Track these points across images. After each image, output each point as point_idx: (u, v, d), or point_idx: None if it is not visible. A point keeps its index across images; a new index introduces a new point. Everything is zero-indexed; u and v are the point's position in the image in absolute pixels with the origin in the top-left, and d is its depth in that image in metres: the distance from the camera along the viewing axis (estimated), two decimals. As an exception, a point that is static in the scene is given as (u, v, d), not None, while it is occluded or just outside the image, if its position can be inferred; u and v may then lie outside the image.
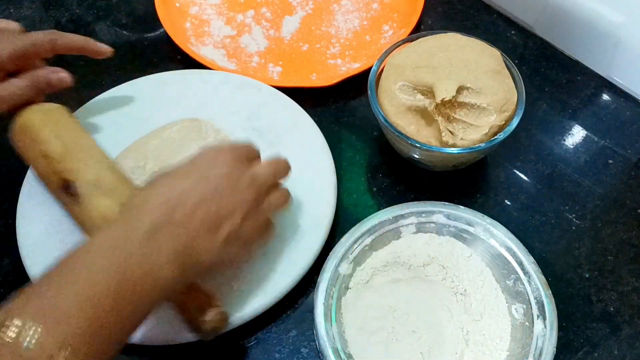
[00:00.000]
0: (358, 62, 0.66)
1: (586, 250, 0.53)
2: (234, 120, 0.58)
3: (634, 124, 0.61)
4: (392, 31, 0.69)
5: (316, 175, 0.54)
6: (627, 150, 0.59)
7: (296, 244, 0.50)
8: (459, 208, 0.50)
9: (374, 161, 0.59)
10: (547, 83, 0.64)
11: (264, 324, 0.48)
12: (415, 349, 0.45)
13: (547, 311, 0.45)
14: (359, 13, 0.71)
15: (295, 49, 0.68)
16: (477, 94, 0.50)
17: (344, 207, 0.55)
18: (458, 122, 0.51)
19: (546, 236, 0.54)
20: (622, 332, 0.49)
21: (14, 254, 0.50)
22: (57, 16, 0.72)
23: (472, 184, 0.57)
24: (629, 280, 0.51)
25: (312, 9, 0.72)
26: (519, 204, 0.56)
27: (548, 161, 0.58)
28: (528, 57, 0.66)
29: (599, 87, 0.63)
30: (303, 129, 0.57)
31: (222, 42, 0.68)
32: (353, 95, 0.63)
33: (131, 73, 0.64)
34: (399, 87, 0.52)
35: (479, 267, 0.49)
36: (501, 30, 0.69)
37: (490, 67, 0.51)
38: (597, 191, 0.56)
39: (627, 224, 0.54)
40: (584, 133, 0.60)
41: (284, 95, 0.59)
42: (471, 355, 0.45)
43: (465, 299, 0.47)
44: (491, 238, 0.49)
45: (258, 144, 0.56)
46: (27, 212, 0.51)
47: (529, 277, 0.47)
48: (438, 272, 0.49)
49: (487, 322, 0.46)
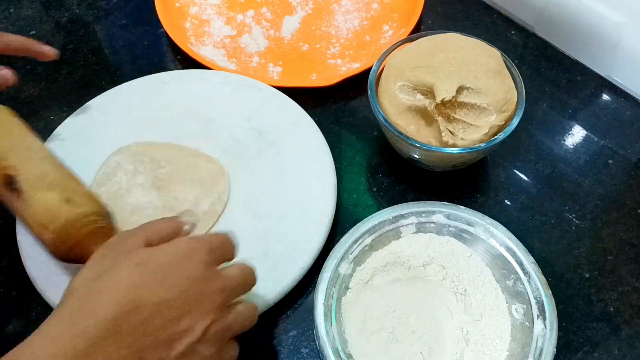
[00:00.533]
0: (358, 62, 0.66)
1: (586, 250, 0.53)
2: (234, 120, 0.58)
3: (634, 124, 0.61)
4: (392, 31, 0.69)
5: (316, 175, 0.54)
6: (627, 150, 0.59)
7: (296, 244, 0.50)
8: (459, 208, 0.50)
9: (374, 161, 0.59)
10: (547, 83, 0.64)
11: (264, 324, 0.48)
12: (415, 349, 0.45)
13: (547, 311, 0.45)
14: (359, 13, 0.71)
15: (295, 49, 0.68)
16: (477, 94, 0.50)
17: (344, 207, 0.55)
18: (458, 122, 0.51)
19: (546, 236, 0.54)
20: (622, 332, 0.49)
21: (14, 254, 0.50)
22: (57, 16, 0.72)
23: (472, 184, 0.57)
24: (629, 280, 0.51)
25: (312, 9, 0.72)
26: (519, 204, 0.56)
27: (548, 161, 0.58)
28: (528, 57, 0.66)
29: (599, 87, 0.63)
30: (303, 129, 0.57)
31: (222, 42, 0.68)
32: (353, 95, 0.63)
33: (131, 73, 0.64)
34: (399, 87, 0.52)
35: (479, 267, 0.49)
36: (501, 30, 0.69)
37: (490, 67, 0.51)
38: (597, 191, 0.56)
39: (627, 224, 0.54)
40: (584, 133, 0.60)
41: (284, 95, 0.59)
42: (471, 355, 0.45)
43: (465, 299, 0.47)
44: (491, 238, 0.49)
45: (258, 144, 0.56)
46: (27, 212, 0.51)
47: (529, 277, 0.47)
48: (438, 272, 0.49)
49: (487, 322, 0.46)
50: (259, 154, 0.56)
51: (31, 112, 0.62)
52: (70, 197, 0.43)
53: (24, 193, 0.43)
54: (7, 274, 0.51)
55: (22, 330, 0.49)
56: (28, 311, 0.50)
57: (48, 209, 0.42)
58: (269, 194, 0.53)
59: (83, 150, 0.56)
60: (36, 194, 0.43)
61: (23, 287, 0.49)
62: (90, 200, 0.44)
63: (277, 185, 0.54)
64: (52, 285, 0.47)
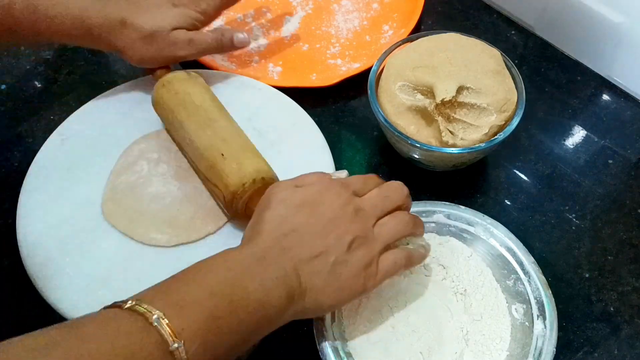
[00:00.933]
0: (358, 62, 0.66)
1: (586, 250, 0.53)
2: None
3: (634, 124, 0.61)
4: (392, 31, 0.69)
5: (316, 175, 0.54)
6: (627, 150, 0.59)
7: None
8: (459, 208, 0.50)
9: (374, 161, 0.59)
10: (547, 83, 0.64)
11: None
12: (415, 349, 0.45)
13: (547, 311, 0.45)
14: (359, 13, 0.71)
15: (295, 49, 0.68)
16: (477, 94, 0.50)
17: (344, 207, 0.55)
18: (458, 122, 0.51)
19: (546, 236, 0.54)
20: (622, 332, 0.49)
21: (14, 254, 0.50)
22: (57, 16, 0.71)
23: (472, 184, 0.57)
24: (629, 280, 0.51)
25: (312, 9, 0.72)
26: (519, 204, 0.56)
27: (548, 161, 0.58)
28: (528, 57, 0.66)
29: (599, 87, 0.63)
30: (303, 129, 0.57)
31: (222, 42, 0.68)
32: (353, 95, 0.63)
33: (131, 73, 0.64)
34: (399, 87, 0.52)
35: (479, 267, 0.49)
36: (501, 30, 0.69)
37: (490, 67, 0.51)
38: (597, 191, 0.56)
39: (627, 224, 0.54)
40: (584, 133, 0.60)
41: (284, 95, 0.59)
42: (471, 355, 0.45)
43: (466, 299, 0.47)
44: (491, 238, 0.49)
45: (258, 144, 0.56)
46: (27, 212, 0.51)
47: (529, 277, 0.47)
48: (438, 271, 0.49)
49: (487, 322, 0.46)
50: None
51: (31, 112, 0.62)
52: (249, 164, 0.49)
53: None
54: (7, 274, 0.52)
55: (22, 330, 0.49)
56: (28, 311, 0.50)
57: (233, 174, 0.48)
58: (269, 194, 0.53)
59: (83, 150, 0.56)
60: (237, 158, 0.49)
61: (23, 287, 0.48)
62: (260, 165, 0.49)
63: (277, 185, 0.54)
64: (52, 285, 0.47)
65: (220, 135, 0.51)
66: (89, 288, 0.48)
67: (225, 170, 0.48)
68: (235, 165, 0.48)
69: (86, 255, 0.49)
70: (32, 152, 0.55)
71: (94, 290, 0.47)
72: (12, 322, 0.50)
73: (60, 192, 0.53)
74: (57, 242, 0.50)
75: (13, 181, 0.54)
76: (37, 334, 0.32)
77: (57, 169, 0.54)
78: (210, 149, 0.50)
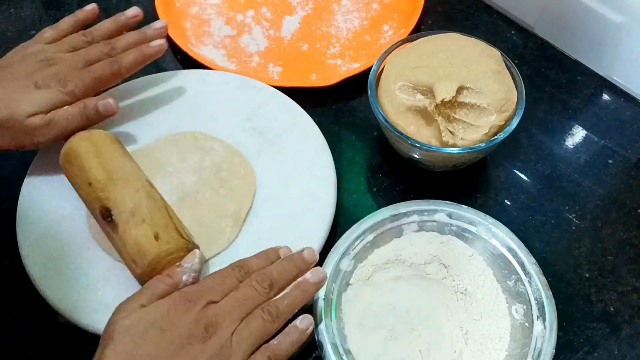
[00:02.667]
0: (358, 62, 0.66)
1: (586, 250, 0.53)
2: (234, 120, 0.58)
3: (634, 124, 0.61)
4: (392, 31, 0.69)
5: (316, 175, 0.54)
6: (627, 150, 0.59)
7: (296, 244, 0.50)
8: (461, 207, 0.50)
9: (374, 161, 0.59)
10: (547, 83, 0.64)
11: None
12: (414, 347, 0.45)
13: (547, 312, 0.45)
14: (359, 13, 0.71)
15: (295, 49, 0.68)
16: (477, 94, 0.50)
17: (344, 207, 0.55)
18: (458, 122, 0.51)
19: (546, 236, 0.54)
20: (622, 332, 0.49)
21: (14, 254, 0.50)
22: (57, 16, 0.71)
23: (472, 184, 0.57)
24: (629, 280, 0.51)
25: (312, 9, 0.72)
26: (519, 204, 0.56)
27: (548, 161, 0.58)
28: (528, 57, 0.66)
29: (599, 87, 0.63)
30: (303, 129, 0.57)
31: (222, 42, 0.68)
32: (353, 95, 0.63)
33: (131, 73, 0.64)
34: (399, 87, 0.52)
35: (480, 267, 0.49)
36: (501, 30, 0.69)
37: (490, 67, 0.51)
38: (597, 191, 0.56)
39: (627, 224, 0.54)
40: (584, 133, 0.60)
41: (284, 95, 0.59)
42: (470, 355, 0.45)
43: (466, 298, 0.47)
44: (493, 238, 0.49)
45: (258, 144, 0.56)
46: (27, 212, 0.51)
47: (530, 277, 0.47)
48: (439, 270, 0.49)
49: (486, 321, 0.46)
50: (259, 154, 0.56)
51: (31, 112, 0.62)
52: (159, 233, 0.45)
53: (118, 226, 0.45)
54: (7, 274, 0.51)
55: (22, 330, 0.49)
56: (28, 311, 0.49)
57: (138, 245, 0.44)
58: (268, 194, 0.53)
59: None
60: (128, 229, 0.45)
61: (23, 287, 0.48)
62: (177, 234, 0.46)
63: (277, 185, 0.54)
64: (52, 285, 0.47)
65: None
66: (89, 288, 0.48)
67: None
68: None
69: (86, 255, 0.49)
70: (32, 152, 0.55)
71: (94, 290, 0.47)
72: (12, 322, 0.50)
73: (60, 192, 0.53)
74: (57, 242, 0.50)
75: (13, 181, 0.54)
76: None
77: (57, 169, 0.54)
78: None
